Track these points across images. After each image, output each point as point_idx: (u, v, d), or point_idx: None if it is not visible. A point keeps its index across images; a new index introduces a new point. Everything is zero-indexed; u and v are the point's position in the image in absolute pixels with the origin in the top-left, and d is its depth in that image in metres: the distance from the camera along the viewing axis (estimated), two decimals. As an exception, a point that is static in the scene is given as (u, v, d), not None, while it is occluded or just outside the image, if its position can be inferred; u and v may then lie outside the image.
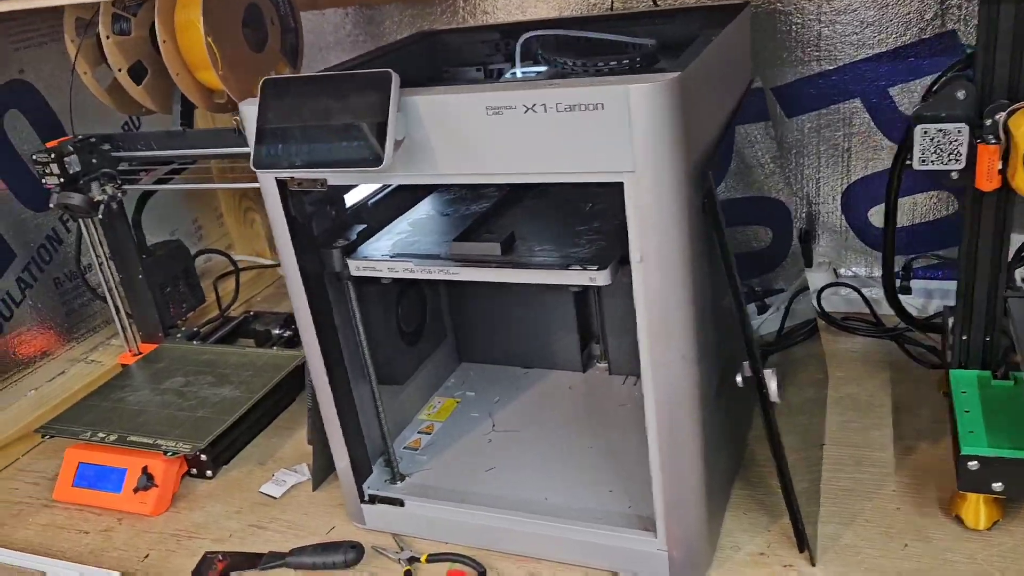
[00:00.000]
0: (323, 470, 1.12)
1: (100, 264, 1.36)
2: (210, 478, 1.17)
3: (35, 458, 1.30)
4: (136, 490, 1.12)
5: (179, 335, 1.45)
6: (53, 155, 1.21)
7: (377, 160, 0.74)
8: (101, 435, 1.17)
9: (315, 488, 1.13)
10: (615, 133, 0.71)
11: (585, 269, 0.82)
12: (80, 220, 1.32)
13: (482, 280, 0.89)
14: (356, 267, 0.92)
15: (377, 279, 0.94)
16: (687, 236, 0.75)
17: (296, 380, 1.29)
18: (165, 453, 1.12)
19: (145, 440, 1.14)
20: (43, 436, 1.20)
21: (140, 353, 1.42)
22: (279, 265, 1.67)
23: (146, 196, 1.37)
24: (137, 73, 1.21)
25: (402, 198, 1.08)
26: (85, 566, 1.06)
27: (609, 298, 1.19)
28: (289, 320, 1.48)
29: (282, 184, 0.87)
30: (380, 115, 0.75)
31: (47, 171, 1.23)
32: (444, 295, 1.25)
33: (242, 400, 1.21)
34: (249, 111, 0.82)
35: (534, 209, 1.01)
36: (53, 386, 1.41)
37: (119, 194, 1.29)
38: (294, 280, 0.92)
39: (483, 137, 0.75)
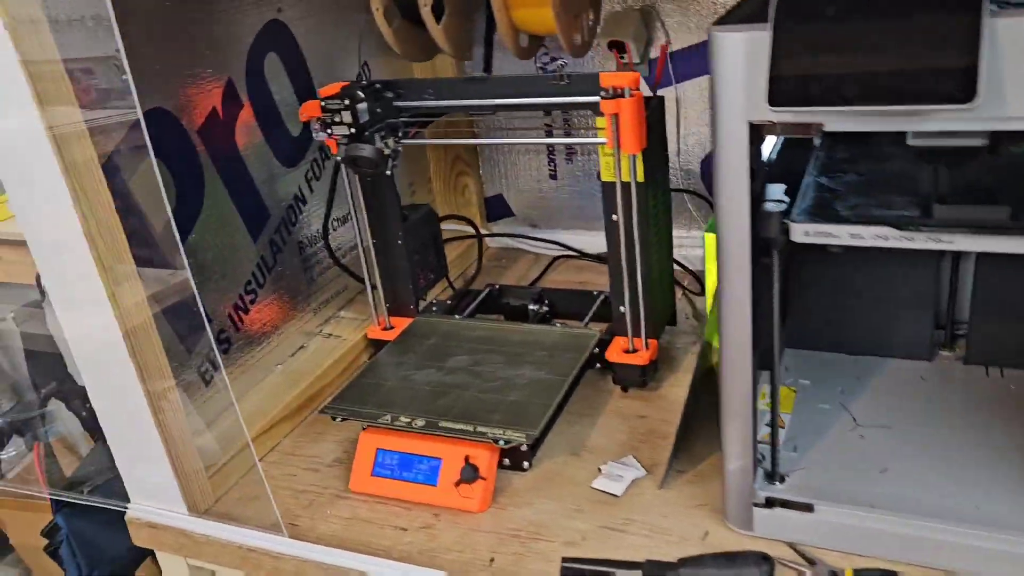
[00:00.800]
0: (672, 464, 0.99)
1: (360, 228, 1.23)
2: (526, 470, 1.04)
3: (298, 441, 1.17)
4: (458, 483, 0.98)
5: (434, 308, 1.32)
6: (345, 102, 1.07)
7: (967, 95, 0.60)
8: (405, 419, 1.04)
9: (661, 486, 0.99)
10: None
11: None
12: (345, 177, 1.19)
13: (985, 250, 0.74)
14: (803, 232, 0.78)
15: (809, 248, 0.80)
16: None
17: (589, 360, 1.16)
18: (495, 442, 0.98)
19: (462, 427, 1.01)
20: (333, 418, 1.07)
21: (392, 327, 1.29)
22: (487, 235, 1.56)
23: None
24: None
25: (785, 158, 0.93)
26: (411, 566, 0.93)
27: (988, 271, 1.03)
28: (542, 296, 1.34)
29: (756, 129, 0.72)
30: (967, 38, 0.60)
31: (335, 119, 1.09)
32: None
33: (556, 383, 1.07)
34: (740, 38, 0.68)
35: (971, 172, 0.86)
36: (298, 361, 1.28)
37: (399, 148, 1.15)
38: (738, 246, 0.78)
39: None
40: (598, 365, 1.18)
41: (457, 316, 1.29)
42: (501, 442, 0.98)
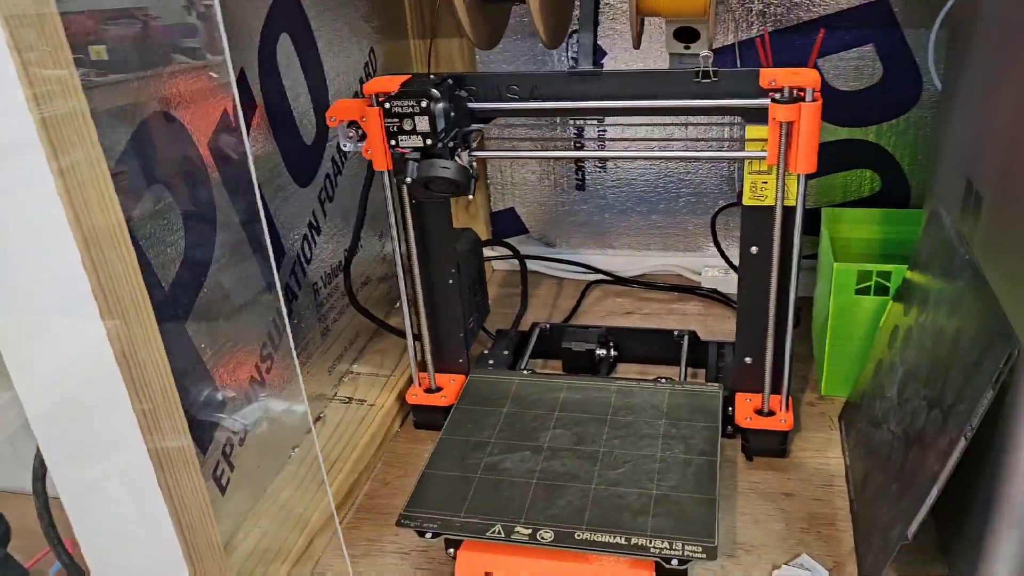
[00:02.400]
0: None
1: (406, 264, 0.94)
2: (680, 586, 0.80)
3: (344, 556, 0.88)
4: (615, 619, 0.73)
5: (491, 363, 1.04)
6: (422, 103, 0.78)
7: None
8: (523, 531, 0.77)
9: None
10: None
11: None
12: (391, 199, 0.89)
13: None
14: None
15: None
16: None
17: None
18: (667, 561, 0.73)
19: (608, 539, 0.75)
20: (421, 534, 0.78)
21: (438, 388, 1.01)
22: (529, 257, 1.28)
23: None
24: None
25: None
26: None
27: None
28: (607, 337, 1.10)
29: None
30: None
31: (404, 126, 0.80)
32: None
33: (705, 467, 0.83)
34: None
35: None
36: (320, 441, 0.97)
37: (474, 163, 0.87)
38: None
39: None
40: (728, 429, 0.95)
41: (526, 371, 1.02)
42: (674, 561, 0.73)
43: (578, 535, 0.76)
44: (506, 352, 1.07)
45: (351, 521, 0.92)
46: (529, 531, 0.77)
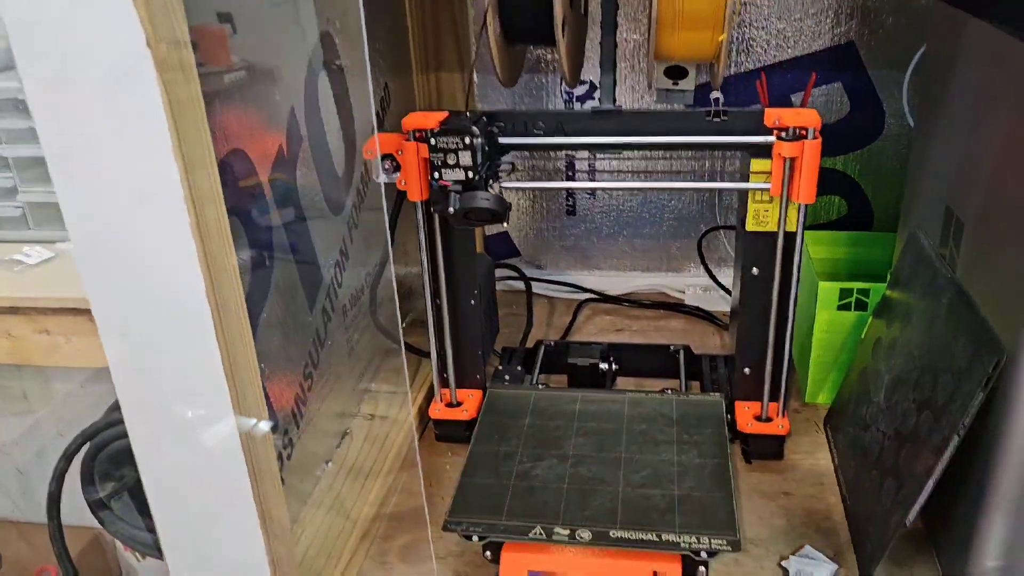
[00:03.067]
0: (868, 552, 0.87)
1: (433, 286, 1.00)
2: (702, 581, 0.88)
3: (383, 564, 0.93)
4: (653, 608, 0.81)
5: (507, 378, 1.11)
6: (465, 139, 0.85)
7: None
8: (562, 531, 0.84)
9: (867, 581, 0.87)
10: None
11: None
12: (422, 224, 0.96)
13: None
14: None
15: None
16: None
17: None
18: (696, 554, 0.81)
19: (642, 536, 0.83)
20: (468, 537, 0.85)
21: (459, 403, 1.07)
22: (536, 280, 1.35)
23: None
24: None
25: None
26: None
27: None
28: (607, 351, 1.18)
29: None
30: None
31: (448, 160, 0.86)
32: None
33: (719, 469, 0.92)
34: None
35: None
36: (350, 455, 1.03)
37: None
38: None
39: None
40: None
41: (541, 386, 1.10)
42: (703, 553, 0.81)
43: (613, 534, 0.84)
44: (519, 368, 1.14)
45: (385, 531, 0.97)
46: (568, 532, 0.84)
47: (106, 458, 0.85)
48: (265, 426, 0.69)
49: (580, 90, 1.30)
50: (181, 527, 0.70)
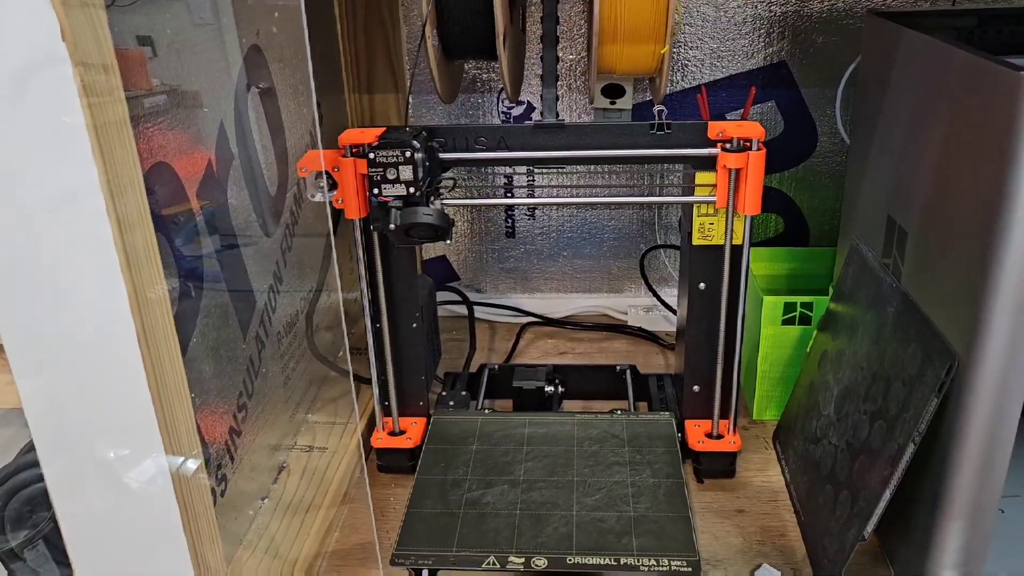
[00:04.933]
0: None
1: (374, 309, 0.96)
2: (661, 602, 0.85)
3: (325, 602, 0.87)
4: (616, 637, 0.78)
5: (451, 403, 1.07)
6: (406, 153, 0.82)
7: None
8: (517, 559, 0.80)
9: (826, 597, 0.85)
10: None
11: None
12: (360, 244, 0.92)
13: None
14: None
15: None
16: None
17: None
18: (657, 577, 0.78)
19: (598, 560, 0.80)
20: (418, 572, 0.80)
21: (402, 431, 1.03)
22: (479, 304, 1.31)
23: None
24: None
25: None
26: None
27: None
28: (553, 373, 1.15)
29: None
30: None
31: (387, 175, 0.83)
32: None
33: (673, 488, 0.90)
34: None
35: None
36: (288, 491, 0.97)
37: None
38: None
39: None
40: (680, 455, 1.02)
41: (487, 410, 1.06)
42: (665, 577, 0.78)
43: (570, 560, 0.80)
44: (463, 393, 1.11)
45: (327, 569, 0.92)
46: (523, 560, 0.80)
47: (18, 504, 0.78)
48: (197, 462, 0.64)
49: (518, 110, 1.28)
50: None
